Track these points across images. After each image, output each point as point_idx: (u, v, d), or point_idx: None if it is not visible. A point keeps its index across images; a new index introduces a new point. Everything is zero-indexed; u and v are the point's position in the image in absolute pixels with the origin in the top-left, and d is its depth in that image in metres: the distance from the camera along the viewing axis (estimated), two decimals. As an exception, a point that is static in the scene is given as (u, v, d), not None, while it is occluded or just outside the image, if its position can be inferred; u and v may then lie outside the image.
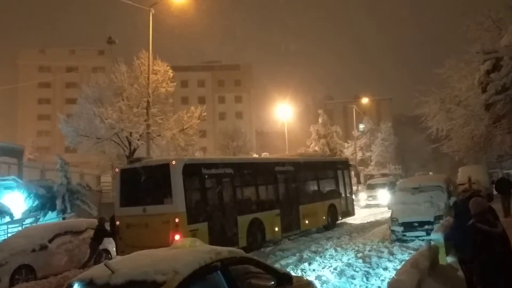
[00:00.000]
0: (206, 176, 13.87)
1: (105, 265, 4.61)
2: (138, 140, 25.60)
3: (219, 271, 4.84)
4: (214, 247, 5.71)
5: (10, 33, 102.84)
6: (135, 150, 26.14)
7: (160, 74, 27.22)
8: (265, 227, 15.35)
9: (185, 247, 5.30)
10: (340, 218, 20.44)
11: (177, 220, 12.10)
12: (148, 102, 22.09)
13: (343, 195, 21.12)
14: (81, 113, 26.28)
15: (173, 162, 12.81)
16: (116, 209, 13.79)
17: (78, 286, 4.68)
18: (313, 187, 19.48)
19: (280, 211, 16.33)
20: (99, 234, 13.45)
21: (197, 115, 28.21)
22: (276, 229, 15.99)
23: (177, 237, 11.63)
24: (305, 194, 18.57)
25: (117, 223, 13.26)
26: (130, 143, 26.12)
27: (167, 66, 27.91)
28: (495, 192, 28.22)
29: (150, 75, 22.66)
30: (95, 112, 25.13)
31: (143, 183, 13.42)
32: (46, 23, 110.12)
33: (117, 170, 14.44)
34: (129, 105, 26.11)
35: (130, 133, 25.64)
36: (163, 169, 12.84)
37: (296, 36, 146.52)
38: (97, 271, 4.77)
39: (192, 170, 13.31)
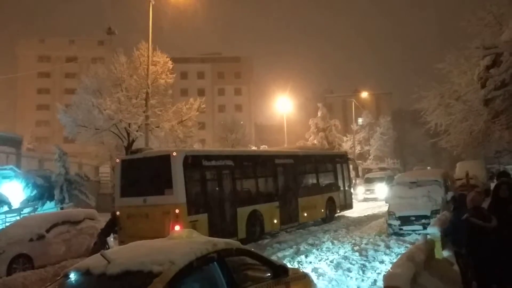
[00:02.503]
0: (207, 168, 13.92)
1: (102, 255, 4.62)
2: (137, 131, 25.56)
3: (215, 262, 4.86)
4: (211, 238, 5.73)
5: (10, 23, 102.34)
6: (133, 141, 26.10)
7: (160, 66, 27.13)
8: (264, 219, 15.43)
9: (182, 238, 5.32)
10: (338, 211, 20.53)
11: (177, 211, 12.16)
12: (147, 93, 22.02)
13: (341, 188, 21.20)
14: (80, 104, 26.21)
15: (174, 154, 12.85)
16: (117, 200, 13.85)
17: (74, 275, 4.70)
18: (312, 180, 19.55)
19: (279, 204, 16.40)
20: (110, 227, 13.46)
21: (196, 107, 28.14)
22: (275, 221, 16.07)
23: (177, 227, 11.70)
24: (304, 187, 18.65)
25: (117, 213, 13.31)
26: (128, 134, 26.08)
27: (166, 57, 27.81)
28: (492, 187, 28.28)
29: (149, 66, 22.59)
30: (94, 103, 25.05)
31: (143, 174, 13.47)
32: (45, 12, 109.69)
33: (117, 160, 14.48)
34: (128, 96, 26.04)
35: (129, 124, 25.58)
36: (164, 160, 12.89)
37: (297, 30, 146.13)
38: (94, 261, 4.78)
39: (193, 161, 13.35)
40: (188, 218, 12.36)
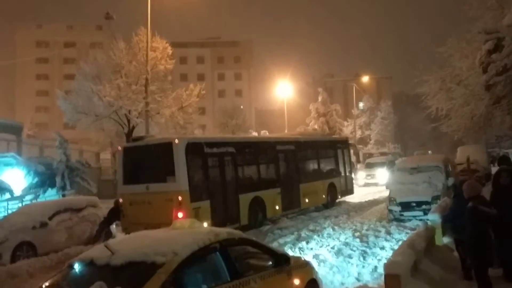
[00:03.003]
0: (209, 155, 13.89)
1: (105, 246, 4.66)
2: (137, 118, 25.53)
3: (217, 252, 4.92)
4: (213, 228, 5.78)
5: (7, 8, 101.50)
6: (134, 127, 26.09)
7: (159, 51, 26.95)
8: (266, 206, 15.48)
9: (184, 229, 5.36)
10: (339, 196, 20.58)
11: (180, 198, 12.17)
12: (146, 79, 21.91)
13: (342, 174, 21.21)
14: (79, 90, 26.12)
15: (176, 141, 12.83)
16: (119, 187, 13.87)
17: (79, 266, 4.76)
18: (313, 166, 19.56)
19: (281, 190, 16.43)
20: (113, 215, 13.58)
21: (196, 93, 28.01)
22: (277, 207, 16.13)
23: (180, 214, 11.78)
24: (305, 173, 18.67)
25: (120, 200, 13.39)
26: (129, 121, 26.05)
27: (166, 43, 27.62)
28: (493, 172, 28.35)
29: (148, 52, 22.42)
30: (94, 89, 24.96)
31: (146, 161, 13.49)
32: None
33: (119, 148, 14.48)
34: (128, 82, 25.92)
35: (129, 110, 25.54)
36: (166, 147, 12.88)
37: (297, 14, 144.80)
38: (98, 251, 4.84)
39: (195, 148, 13.34)
40: (191, 205, 12.37)
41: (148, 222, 11.22)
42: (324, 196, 19.25)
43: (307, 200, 17.94)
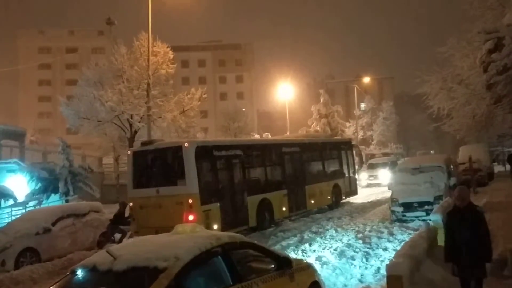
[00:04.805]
0: (217, 158, 14.02)
1: (107, 251, 4.68)
2: (139, 122, 25.61)
3: (219, 256, 4.93)
4: (215, 232, 5.79)
5: (9, 14, 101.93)
6: (136, 132, 26.18)
7: (160, 56, 27.06)
8: (274, 207, 15.58)
9: (186, 233, 5.37)
10: (343, 197, 20.67)
11: (190, 201, 12.28)
12: (148, 84, 21.97)
13: (346, 175, 21.31)
14: (81, 96, 26.24)
15: (186, 145, 12.95)
16: (129, 191, 13.97)
17: (81, 272, 4.77)
18: (318, 167, 19.66)
19: (287, 192, 16.53)
20: (118, 218, 13.61)
21: (198, 97, 28.11)
22: (284, 209, 16.23)
23: (190, 217, 11.92)
24: (310, 174, 18.77)
25: (131, 204, 13.50)
26: (131, 125, 26.15)
27: (167, 47, 27.72)
28: (496, 171, 28.34)
29: (150, 56, 22.50)
30: (95, 95, 25.07)
31: (155, 165, 13.66)
32: (44, 3, 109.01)
33: (129, 152, 14.61)
34: (129, 87, 26.01)
35: (131, 115, 25.63)
36: (176, 151, 13.04)
37: (297, 16, 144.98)
38: (100, 257, 4.85)
39: (204, 152, 13.46)
40: (201, 207, 12.48)
41: (158, 226, 11.28)
42: (329, 197, 19.35)
43: (312, 202, 18.04)
